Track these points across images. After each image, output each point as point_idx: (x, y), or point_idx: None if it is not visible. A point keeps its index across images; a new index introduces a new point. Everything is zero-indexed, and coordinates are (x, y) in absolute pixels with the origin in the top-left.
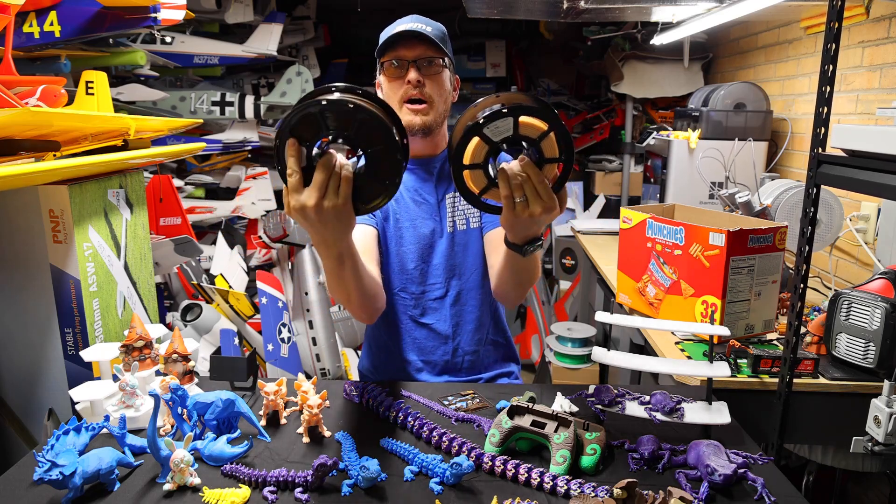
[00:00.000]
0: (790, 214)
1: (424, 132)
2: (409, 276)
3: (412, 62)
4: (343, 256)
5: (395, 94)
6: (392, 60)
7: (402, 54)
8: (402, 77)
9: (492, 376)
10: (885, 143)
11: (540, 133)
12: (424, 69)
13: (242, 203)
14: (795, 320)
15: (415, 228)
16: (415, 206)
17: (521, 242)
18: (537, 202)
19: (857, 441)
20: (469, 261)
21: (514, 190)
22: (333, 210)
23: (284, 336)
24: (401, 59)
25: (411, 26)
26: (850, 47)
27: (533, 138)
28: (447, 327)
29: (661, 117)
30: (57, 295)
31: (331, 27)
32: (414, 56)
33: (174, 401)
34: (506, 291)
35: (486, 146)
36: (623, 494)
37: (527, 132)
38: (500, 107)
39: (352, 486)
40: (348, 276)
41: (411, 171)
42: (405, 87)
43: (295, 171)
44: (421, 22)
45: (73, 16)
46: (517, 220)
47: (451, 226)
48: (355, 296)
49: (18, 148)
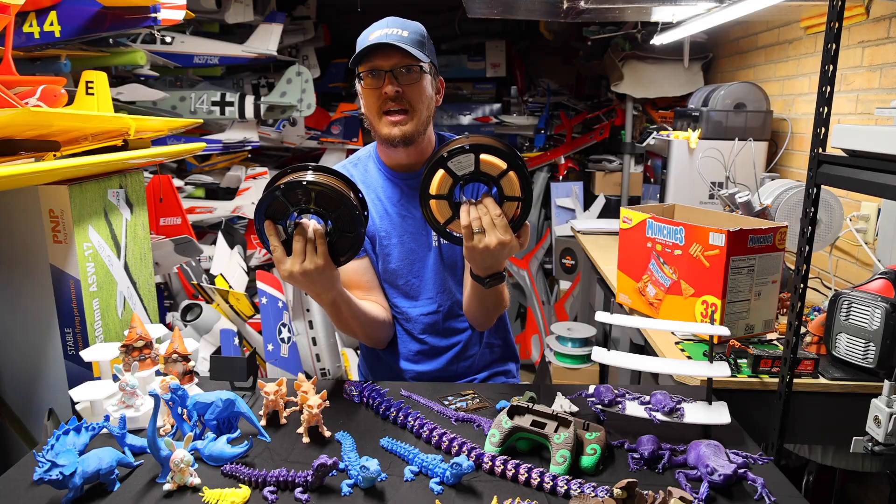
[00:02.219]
0: (790, 214)
1: (406, 142)
2: (400, 292)
3: (388, 72)
4: (337, 302)
5: (373, 106)
6: (369, 71)
7: (378, 64)
8: (380, 87)
9: (488, 375)
10: (885, 143)
11: (499, 171)
12: (402, 77)
13: (242, 203)
14: (795, 320)
15: (402, 244)
16: (401, 221)
17: (483, 275)
18: (493, 234)
19: (857, 441)
20: (458, 273)
21: (472, 222)
22: (315, 270)
23: (284, 336)
24: (377, 70)
25: (386, 34)
26: (850, 47)
27: (493, 176)
28: (441, 340)
29: (661, 117)
30: (57, 295)
31: (331, 27)
32: (390, 65)
33: (174, 401)
34: (474, 317)
35: (450, 179)
36: (623, 494)
37: (487, 169)
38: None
39: (352, 486)
40: (347, 318)
41: (395, 184)
42: (383, 98)
43: (276, 247)
44: (396, 26)
45: (73, 16)
46: (475, 251)
47: (436, 240)
48: (359, 331)
49: (18, 148)
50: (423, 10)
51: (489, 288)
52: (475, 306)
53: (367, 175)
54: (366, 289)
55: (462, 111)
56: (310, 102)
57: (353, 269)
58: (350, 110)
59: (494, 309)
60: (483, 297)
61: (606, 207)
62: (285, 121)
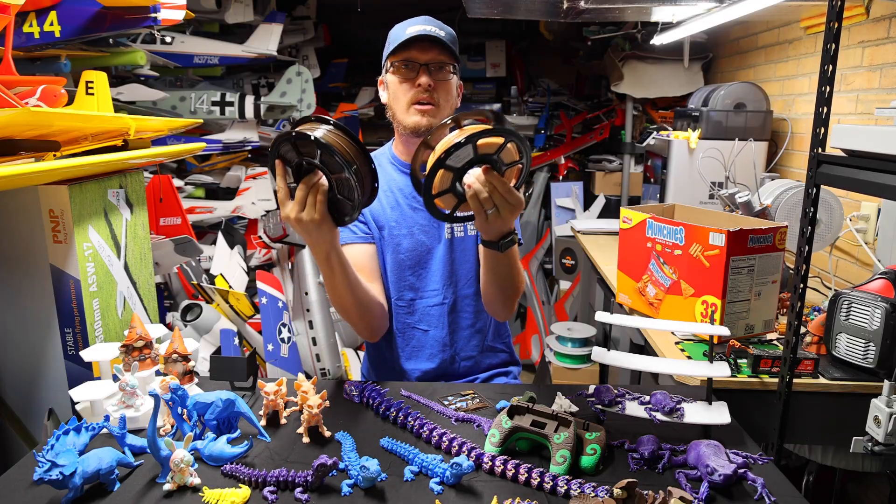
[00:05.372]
0: (790, 214)
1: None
2: (407, 283)
3: (423, 65)
4: (331, 259)
5: (403, 96)
6: (403, 61)
7: (415, 56)
8: (413, 79)
9: (489, 376)
10: (885, 143)
11: (497, 147)
12: (435, 73)
13: (242, 203)
14: (795, 320)
15: (412, 235)
16: (412, 213)
17: (496, 239)
18: (506, 207)
19: (857, 441)
20: (467, 268)
21: (483, 204)
22: (311, 222)
23: (284, 336)
24: (412, 62)
25: (424, 29)
26: (850, 47)
27: (492, 153)
28: (444, 334)
29: (661, 117)
30: (57, 295)
31: (331, 27)
32: (426, 59)
33: (174, 401)
34: (491, 300)
35: (450, 173)
36: (623, 494)
37: (485, 150)
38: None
39: (352, 486)
40: (339, 282)
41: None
42: (415, 90)
43: (280, 187)
44: (435, 25)
45: (73, 16)
46: (487, 222)
47: (449, 232)
48: (350, 304)
49: (18, 148)
50: (423, 10)
51: (505, 250)
52: (492, 284)
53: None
54: (367, 274)
55: (462, 111)
56: (310, 102)
57: (359, 251)
58: (350, 110)
59: (511, 287)
60: (497, 269)
61: (606, 207)
62: (285, 121)
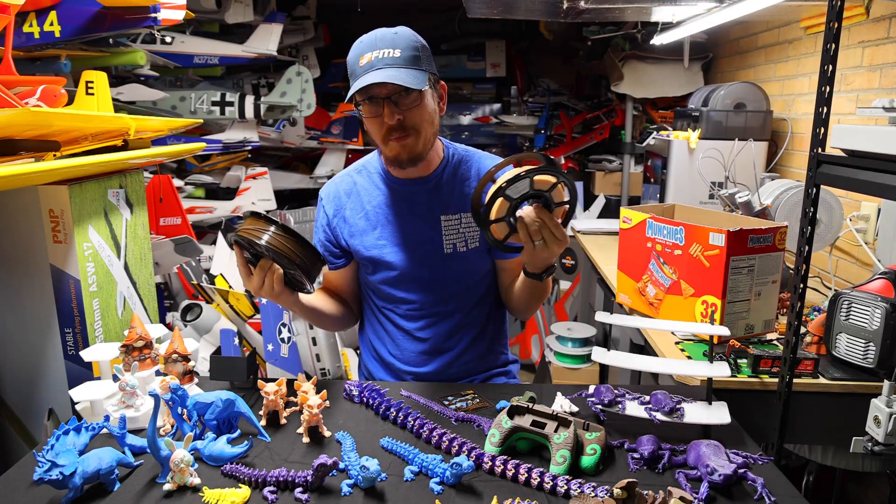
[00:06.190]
0: (790, 214)
1: (413, 161)
2: (408, 291)
3: (386, 99)
4: (295, 307)
5: (376, 133)
6: (366, 98)
7: (375, 92)
8: (379, 115)
9: (488, 376)
10: (886, 143)
11: (550, 185)
12: (402, 101)
13: (242, 203)
14: (795, 320)
15: (412, 246)
16: (412, 224)
17: (539, 272)
18: (554, 242)
19: (857, 441)
20: (469, 279)
21: (532, 236)
22: (271, 295)
23: (284, 336)
24: (375, 97)
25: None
26: (850, 47)
27: (545, 190)
28: (443, 342)
29: (661, 117)
30: (57, 295)
31: (331, 27)
32: (387, 93)
33: (174, 401)
34: (523, 309)
35: (507, 203)
36: (623, 494)
37: (540, 187)
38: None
39: (352, 486)
40: (309, 318)
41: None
42: (386, 126)
43: (240, 267)
44: (386, 46)
45: (73, 16)
46: (537, 256)
47: (450, 247)
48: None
49: (18, 148)
50: (423, 10)
51: (544, 281)
52: (525, 299)
53: (371, 184)
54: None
55: (462, 111)
56: (310, 102)
57: (332, 276)
58: (350, 110)
59: (542, 296)
60: (535, 291)
61: (606, 207)
62: (285, 121)
